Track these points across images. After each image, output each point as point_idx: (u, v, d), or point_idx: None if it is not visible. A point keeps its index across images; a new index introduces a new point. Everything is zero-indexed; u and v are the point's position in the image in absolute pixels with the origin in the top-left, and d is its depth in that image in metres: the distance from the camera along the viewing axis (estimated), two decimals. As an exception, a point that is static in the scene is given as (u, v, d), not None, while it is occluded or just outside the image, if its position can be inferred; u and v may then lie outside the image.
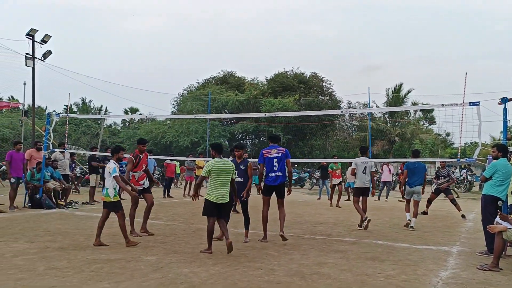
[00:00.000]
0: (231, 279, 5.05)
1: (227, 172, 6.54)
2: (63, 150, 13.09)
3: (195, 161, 17.13)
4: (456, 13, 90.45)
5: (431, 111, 38.80)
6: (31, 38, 18.33)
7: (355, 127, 43.92)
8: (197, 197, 6.89)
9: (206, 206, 6.50)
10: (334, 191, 15.01)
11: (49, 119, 12.53)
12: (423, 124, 43.06)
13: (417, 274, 5.48)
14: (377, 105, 37.19)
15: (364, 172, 9.56)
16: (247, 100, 35.75)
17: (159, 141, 34.65)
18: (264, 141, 37.49)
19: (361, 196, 9.59)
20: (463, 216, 11.39)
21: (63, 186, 12.18)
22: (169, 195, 16.58)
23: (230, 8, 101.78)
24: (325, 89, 39.13)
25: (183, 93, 41.42)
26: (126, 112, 44.00)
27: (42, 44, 18.71)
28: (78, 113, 40.17)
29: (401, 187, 10.65)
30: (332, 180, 15.08)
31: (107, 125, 42.84)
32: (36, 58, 18.55)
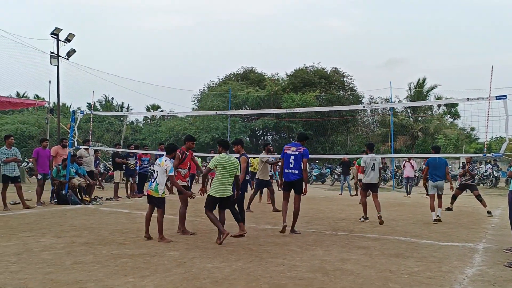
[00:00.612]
0: (253, 274, 5.07)
1: (231, 168, 6.96)
2: (88, 147, 13.33)
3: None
4: (480, 4, 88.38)
5: (455, 105, 38.07)
6: (55, 37, 18.68)
7: (376, 122, 43.40)
8: (205, 191, 7.25)
9: (208, 200, 6.97)
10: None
11: (73, 117, 12.78)
12: (447, 119, 42.26)
13: (442, 271, 5.39)
14: (400, 100, 36.67)
15: (373, 168, 9.78)
16: (267, 96, 35.70)
17: (180, 138, 34.98)
18: (284, 137, 37.42)
19: (370, 191, 9.93)
20: (489, 213, 11.18)
21: (88, 182, 12.41)
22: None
23: (250, 4, 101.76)
24: (346, 84, 38.80)
25: (203, 89, 41.67)
26: (148, 109, 44.48)
27: (66, 43, 19.06)
28: (101, 110, 40.85)
29: (424, 182, 10.78)
30: (358, 175, 14.29)
31: (130, 122, 43.40)
32: (61, 56, 18.92)
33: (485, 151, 8.72)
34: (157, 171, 7.10)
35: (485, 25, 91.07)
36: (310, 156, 8.14)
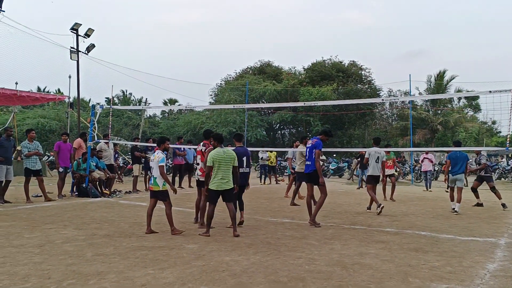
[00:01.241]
0: (272, 268, 5.08)
1: (227, 161, 6.98)
2: (107, 141, 13.51)
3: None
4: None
5: (475, 98, 37.36)
6: (75, 32, 18.91)
7: (395, 116, 42.91)
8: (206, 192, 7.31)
9: (208, 194, 7.10)
10: (386, 182, 13.31)
11: (93, 111, 12.95)
12: (467, 112, 41.53)
13: (463, 266, 5.32)
14: (420, 93, 36.12)
15: (377, 161, 10.28)
16: (284, 90, 35.60)
17: (197, 132, 35.17)
18: (301, 131, 37.29)
19: (375, 183, 10.39)
20: (503, 205, 11.05)
21: (108, 175, 12.58)
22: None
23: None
24: (364, 77, 38.44)
25: (220, 83, 41.76)
26: (165, 103, 44.82)
27: (86, 38, 19.28)
28: (119, 105, 41.29)
29: (445, 176, 10.83)
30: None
31: (147, 116, 43.81)
32: (80, 51, 19.15)
33: (507, 144, 8.53)
34: (152, 166, 7.26)
35: (508, 14, 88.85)
36: (327, 149, 8.27)
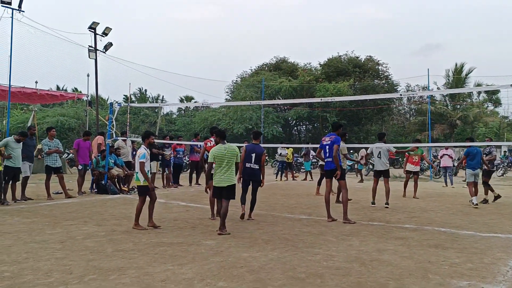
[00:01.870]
0: (289, 264, 5.08)
1: (228, 157, 6.95)
2: (125, 138, 13.65)
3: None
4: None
5: (496, 92, 36.65)
6: (93, 31, 19.14)
7: (413, 111, 42.38)
8: (209, 189, 7.56)
9: (213, 190, 7.17)
10: (408, 179, 13.06)
11: (111, 109, 13.09)
12: (487, 106, 40.77)
13: (484, 262, 5.24)
14: (438, 87, 35.61)
15: (379, 156, 10.59)
16: (300, 86, 35.45)
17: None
18: (317, 127, 37.13)
19: (380, 177, 10.66)
20: (493, 198, 11.33)
21: (126, 172, 12.72)
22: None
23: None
24: (380, 72, 38.04)
25: (236, 80, 41.82)
26: (182, 101, 45.06)
27: (103, 37, 19.50)
28: (136, 102, 41.69)
29: (457, 168, 11.16)
30: (406, 165, 13.21)
31: (164, 113, 44.14)
32: (98, 50, 19.38)
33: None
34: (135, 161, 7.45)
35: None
36: (347, 145, 8.31)
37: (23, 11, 14.44)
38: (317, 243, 6.22)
